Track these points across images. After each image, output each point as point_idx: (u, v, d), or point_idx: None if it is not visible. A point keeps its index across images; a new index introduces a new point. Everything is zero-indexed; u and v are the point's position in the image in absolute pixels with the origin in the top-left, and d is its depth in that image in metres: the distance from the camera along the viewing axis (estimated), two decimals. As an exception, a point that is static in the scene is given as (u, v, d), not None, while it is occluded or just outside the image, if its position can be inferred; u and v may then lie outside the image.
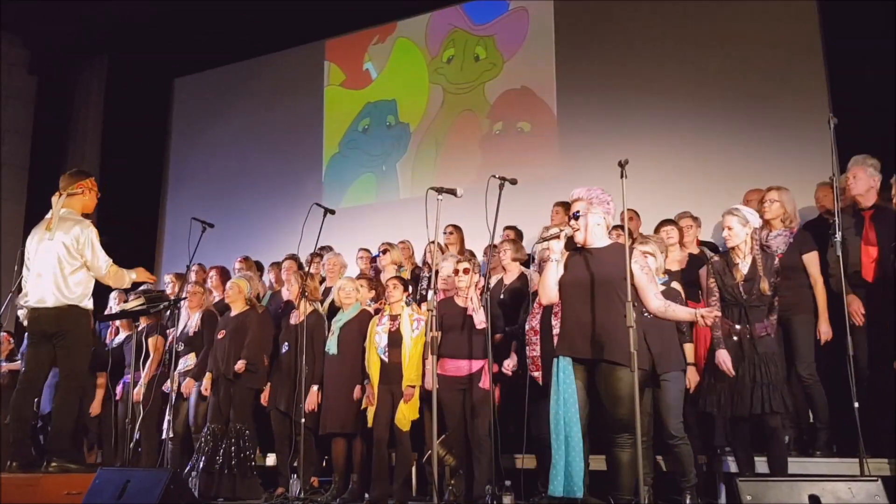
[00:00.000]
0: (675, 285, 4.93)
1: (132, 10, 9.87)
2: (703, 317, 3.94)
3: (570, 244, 4.23)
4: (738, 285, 4.56)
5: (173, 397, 6.38)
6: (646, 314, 4.60)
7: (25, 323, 5.27)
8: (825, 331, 5.01)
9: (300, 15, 9.73)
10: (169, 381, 6.43)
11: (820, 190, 5.85)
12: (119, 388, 6.92)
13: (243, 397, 6.13)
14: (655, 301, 4.08)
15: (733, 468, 4.92)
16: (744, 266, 4.58)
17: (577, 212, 4.13)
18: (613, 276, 3.98)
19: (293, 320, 6.19)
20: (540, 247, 5.04)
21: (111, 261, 5.17)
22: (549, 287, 4.14)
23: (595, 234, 4.14)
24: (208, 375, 6.28)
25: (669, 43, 7.88)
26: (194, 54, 10.72)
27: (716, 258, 4.80)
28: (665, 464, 5.09)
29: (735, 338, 4.54)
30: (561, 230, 4.15)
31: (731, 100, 7.44)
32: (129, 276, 5.29)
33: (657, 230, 5.71)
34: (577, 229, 4.13)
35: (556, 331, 4.44)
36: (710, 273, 4.71)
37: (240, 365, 6.04)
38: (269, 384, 6.21)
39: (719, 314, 4.24)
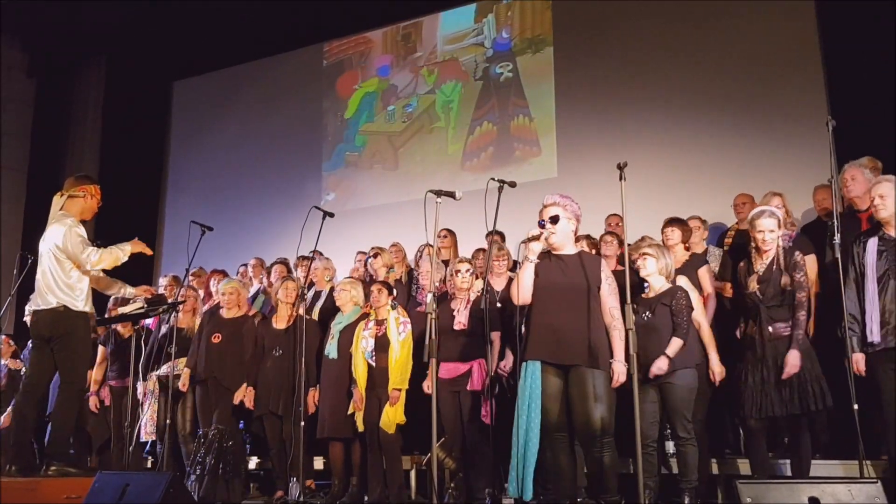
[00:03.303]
0: (683, 280, 4.90)
1: (131, 13, 9.88)
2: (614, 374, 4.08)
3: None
4: (754, 288, 4.57)
5: (154, 399, 6.34)
6: (644, 316, 4.62)
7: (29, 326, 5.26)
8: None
9: (299, 18, 9.74)
10: (143, 383, 6.35)
11: (818, 192, 5.86)
12: (106, 392, 6.89)
13: (225, 400, 6.10)
14: (608, 317, 4.16)
15: (743, 470, 4.91)
16: (761, 267, 4.59)
17: (557, 215, 4.21)
18: (587, 283, 4.10)
19: (279, 325, 6.17)
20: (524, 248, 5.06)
21: (91, 251, 5.02)
22: (525, 287, 4.19)
23: (566, 240, 4.23)
24: (187, 372, 6.18)
25: (668, 46, 7.90)
26: (193, 58, 10.74)
27: (742, 263, 4.78)
28: (665, 465, 5.09)
29: (756, 337, 4.56)
30: (542, 232, 4.19)
31: (729, 102, 7.46)
32: (121, 249, 5.14)
33: (662, 230, 5.71)
34: (554, 232, 4.20)
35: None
36: (741, 276, 4.71)
37: (242, 394, 6.05)
38: (248, 388, 6.16)
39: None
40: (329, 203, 9.32)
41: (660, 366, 4.52)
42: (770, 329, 4.51)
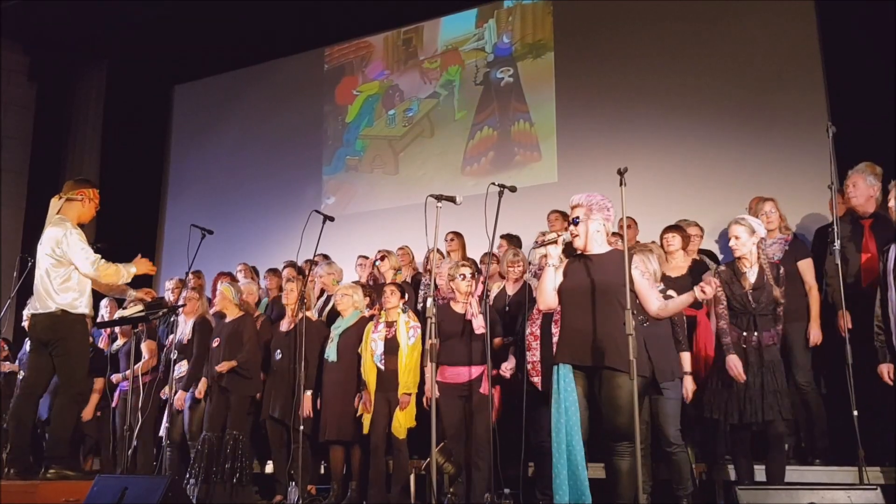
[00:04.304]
0: (672, 293, 4.89)
1: (132, 16, 9.88)
2: (702, 289, 3.85)
3: (570, 250, 4.20)
4: (747, 294, 4.54)
5: (171, 404, 6.36)
6: (645, 323, 4.61)
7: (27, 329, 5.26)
8: (815, 334, 5.04)
9: (300, 22, 9.75)
10: (167, 387, 6.42)
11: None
12: (116, 395, 6.90)
13: (239, 405, 6.10)
14: (655, 304, 4.04)
15: (733, 476, 4.91)
16: (751, 275, 4.57)
17: (577, 218, 4.08)
18: (614, 283, 3.92)
19: (284, 327, 6.18)
20: (537, 253, 5.03)
21: (98, 257, 5.04)
22: (547, 293, 4.09)
23: (595, 240, 4.08)
24: (204, 381, 6.23)
25: (668, 52, 7.91)
26: (194, 61, 10.75)
27: (722, 267, 4.77)
28: (662, 472, 5.08)
29: (744, 345, 4.54)
30: (559, 235, 4.10)
31: (730, 108, 7.47)
32: (127, 270, 5.13)
33: (661, 237, 5.72)
34: (577, 235, 4.06)
35: (556, 338, 4.41)
36: (725, 281, 4.69)
37: (224, 365, 6.00)
38: (260, 393, 6.18)
39: (717, 282, 4.13)
40: (329, 207, 9.32)
41: (689, 388, 4.75)
42: (760, 337, 4.52)
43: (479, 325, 5.23)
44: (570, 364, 3.96)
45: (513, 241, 6.83)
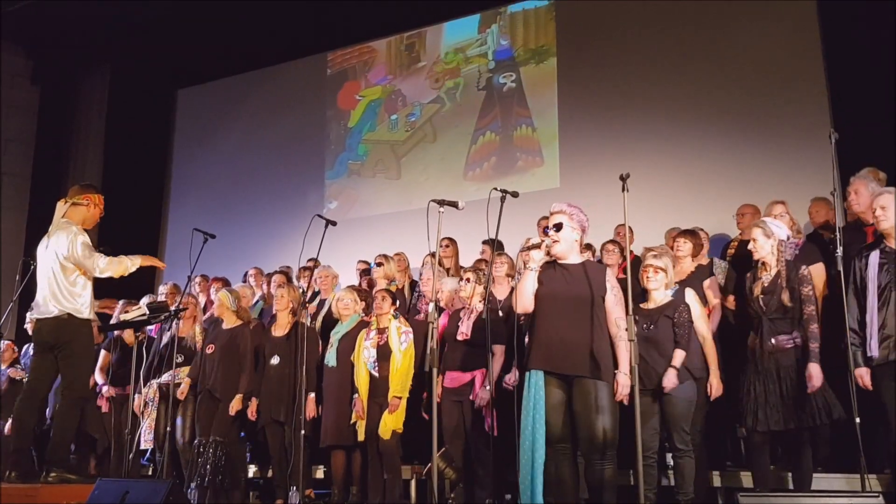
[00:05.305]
0: (690, 294, 4.84)
1: (136, 20, 9.91)
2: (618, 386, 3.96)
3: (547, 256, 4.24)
4: (757, 298, 4.57)
5: (154, 407, 6.34)
6: (645, 327, 4.61)
7: (31, 333, 5.25)
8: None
9: (303, 27, 9.78)
10: (147, 391, 6.36)
11: (813, 206, 5.85)
12: (105, 400, 6.86)
13: (224, 410, 6.08)
14: (614, 327, 4.06)
15: (744, 483, 4.89)
16: (766, 279, 4.59)
17: (560, 223, 4.14)
18: (590, 293, 4.02)
19: (278, 333, 6.16)
20: (521, 256, 5.04)
21: (101, 255, 5.05)
22: (526, 296, 4.13)
23: (570, 249, 4.16)
24: (187, 381, 6.20)
25: (671, 58, 7.92)
26: (198, 66, 10.78)
27: (749, 274, 4.78)
28: (665, 477, 5.07)
29: (759, 349, 4.54)
30: (543, 240, 4.15)
31: (732, 115, 7.48)
32: (131, 260, 5.13)
33: (674, 241, 5.68)
34: (557, 241, 4.12)
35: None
36: (747, 287, 4.70)
37: (236, 405, 6.03)
38: (240, 397, 6.16)
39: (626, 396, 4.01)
40: (331, 211, 9.34)
41: (671, 379, 4.53)
42: (773, 341, 4.50)
43: (460, 331, 5.26)
44: (542, 370, 4.01)
45: (491, 244, 6.80)
